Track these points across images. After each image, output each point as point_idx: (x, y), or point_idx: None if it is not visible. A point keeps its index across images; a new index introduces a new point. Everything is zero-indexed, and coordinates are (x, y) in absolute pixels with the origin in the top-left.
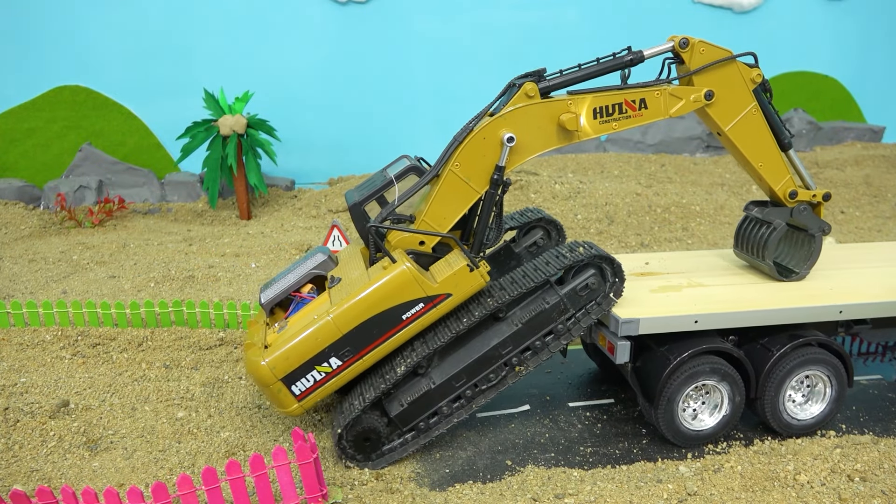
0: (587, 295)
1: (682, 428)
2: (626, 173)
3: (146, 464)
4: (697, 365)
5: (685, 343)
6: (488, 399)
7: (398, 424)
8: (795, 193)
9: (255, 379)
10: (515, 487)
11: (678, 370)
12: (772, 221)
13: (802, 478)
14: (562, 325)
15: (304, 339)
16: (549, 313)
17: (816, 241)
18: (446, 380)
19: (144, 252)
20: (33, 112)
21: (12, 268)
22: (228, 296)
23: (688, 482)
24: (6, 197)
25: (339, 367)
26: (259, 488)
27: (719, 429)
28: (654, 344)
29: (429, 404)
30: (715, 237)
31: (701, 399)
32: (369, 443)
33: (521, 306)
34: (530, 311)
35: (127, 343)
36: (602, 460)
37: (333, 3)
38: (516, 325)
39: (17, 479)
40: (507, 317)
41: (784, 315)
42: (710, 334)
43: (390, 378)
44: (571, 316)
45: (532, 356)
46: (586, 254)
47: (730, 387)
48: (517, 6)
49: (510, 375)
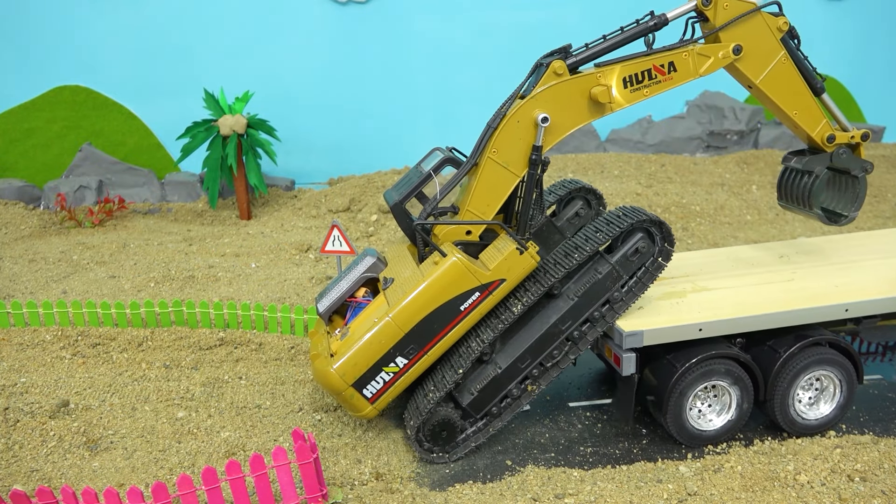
0: (638, 259)
1: (691, 429)
2: (626, 173)
3: (146, 464)
4: (705, 369)
5: (691, 350)
6: (554, 377)
7: (471, 412)
8: (833, 137)
9: (326, 387)
10: (515, 487)
11: (684, 377)
12: (812, 170)
13: (802, 478)
14: (617, 293)
15: (368, 343)
16: (604, 283)
17: (861, 182)
18: (512, 363)
19: (144, 252)
20: (33, 112)
21: (12, 268)
22: (229, 296)
23: (688, 482)
24: (6, 197)
25: (406, 365)
26: (259, 488)
27: (728, 429)
28: (660, 351)
29: (498, 389)
30: (715, 237)
31: (709, 401)
32: (446, 433)
33: (575, 280)
34: (584, 283)
35: (127, 343)
36: (602, 460)
37: (333, 2)
38: (573, 299)
39: (18, 479)
40: (562, 292)
41: (789, 317)
42: (717, 339)
43: (460, 368)
44: (625, 283)
45: (590, 328)
46: (634, 218)
47: (738, 389)
48: (517, 6)
49: (572, 350)
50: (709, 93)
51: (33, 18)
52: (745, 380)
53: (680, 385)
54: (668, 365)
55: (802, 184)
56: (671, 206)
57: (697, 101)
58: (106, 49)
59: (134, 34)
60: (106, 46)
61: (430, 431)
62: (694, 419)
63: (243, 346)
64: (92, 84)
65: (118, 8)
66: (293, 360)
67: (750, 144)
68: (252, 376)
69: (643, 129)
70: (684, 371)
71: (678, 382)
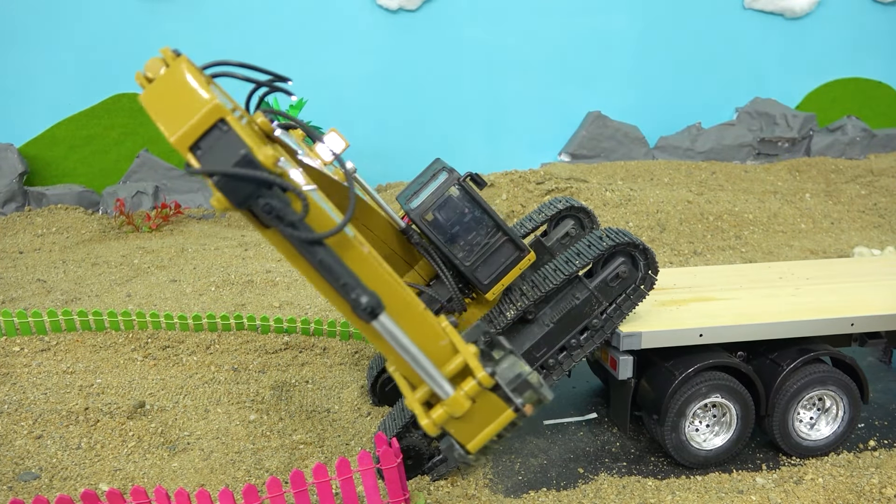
0: (619, 285)
1: (691, 448)
2: (676, 181)
3: (224, 465)
4: (705, 383)
5: (691, 358)
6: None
7: (438, 440)
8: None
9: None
10: (591, 495)
11: (683, 386)
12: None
13: (889, 491)
14: (596, 320)
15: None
16: (581, 308)
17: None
18: None
19: (202, 256)
20: (93, 119)
21: (76, 271)
22: (288, 300)
23: (770, 493)
24: (67, 202)
25: None
26: (344, 492)
27: (728, 448)
28: (658, 359)
29: None
30: (769, 245)
31: (708, 419)
32: (412, 461)
33: (552, 305)
34: (561, 308)
35: (195, 346)
36: (675, 470)
37: (384, 11)
38: (548, 325)
39: (102, 477)
40: (537, 318)
41: (793, 328)
42: (717, 349)
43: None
44: (604, 310)
45: (566, 357)
46: (616, 241)
47: (738, 404)
48: (566, 13)
49: (546, 378)
50: (759, 100)
51: (93, 28)
52: (741, 392)
53: (679, 396)
54: (666, 373)
55: None
56: (724, 214)
57: (748, 108)
58: None
59: (189, 42)
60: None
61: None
62: (697, 441)
63: (308, 351)
64: None
65: (174, 17)
66: (357, 365)
67: (802, 152)
68: (318, 380)
69: (692, 137)
70: (683, 379)
71: (677, 392)
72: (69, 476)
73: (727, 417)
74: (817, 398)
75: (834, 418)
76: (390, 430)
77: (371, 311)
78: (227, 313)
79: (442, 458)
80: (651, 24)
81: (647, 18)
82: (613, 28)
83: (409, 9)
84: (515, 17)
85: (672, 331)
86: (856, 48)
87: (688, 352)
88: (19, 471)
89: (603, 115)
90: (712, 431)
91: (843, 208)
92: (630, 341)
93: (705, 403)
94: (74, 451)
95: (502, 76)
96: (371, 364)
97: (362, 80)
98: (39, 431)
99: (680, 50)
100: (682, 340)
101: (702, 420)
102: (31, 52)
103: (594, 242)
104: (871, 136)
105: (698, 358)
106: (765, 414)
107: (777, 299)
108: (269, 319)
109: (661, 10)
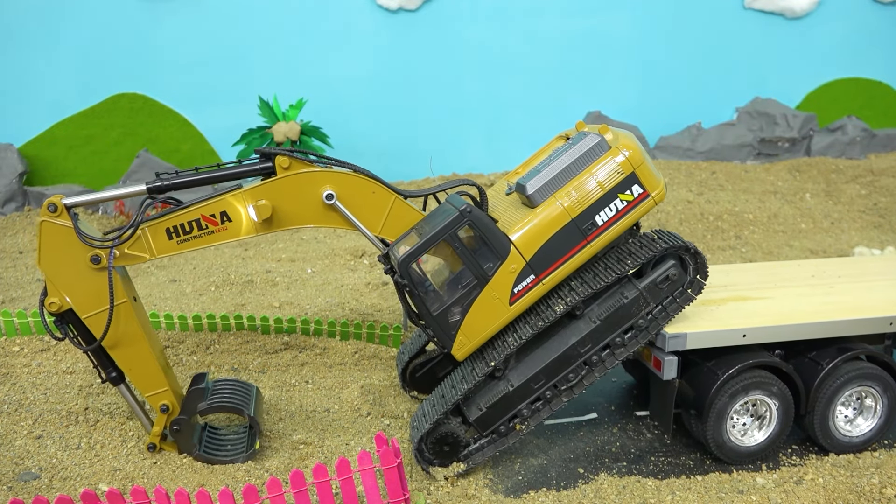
0: (668, 287)
1: (732, 444)
2: (676, 180)
3: (225, 465)
4: (746, 381)
5: (732, 357)
6: (568, 400)
7: (477, 429)
8: None
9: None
10: (591, 496)
11: (726, 385)
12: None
13: (889, 491)
14: (642, 321)
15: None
16: (629, 308)
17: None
18: (525, 381)
19: (202, 257)
20: (92, 119)
21: None
22: (288, 300)
23: (770, 493)
24: None
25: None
26: (344, 492)
27: (768, 444)
28: (699, 359)
29: (508, 407)
30: (769, 245)
31: (748, 415)
32: (448, 448)
33: (599, 302)
34: (609, 307)
35: (195, 346)
36: (675, 470)
37: (384, 11)
38: (594, 322)
39: (102, 477)
40: (584, 314)
41: (836, 328)
42: (757, 348)
43: (471, 381)
44: (650, 311)
45: (609, 356)
46: (668, 244)
47: (779, 402)
48: (566, 14)
49: (588, 376)
50: (760, 99)
51: (92, 28)
52: (783, 390)
53: (722, 395)
54: (709, 372)
55: None
56: (724, 214)
57: (748, 108)
58: (162, 57)
59: (190, 43)
60: (162, 55)
61: (433, 443)
62: (737, 437)
63: (308, 351)
64: (148, 92)
65: (175, 17)
66: (357, 365)
67: (802, 152)
68: (318, 380)
69: (693, 137)
70: (726, 379)
71: (720, 391)
72: (69, 476)
73: (767, 415)
74: (856, 395)
75: (872, 414)
76: (429, 417)
77: None
78: (227, 313)
79: (478, 447)
80: (651, 24)
81: (647, 18)
82: (613, 28)
83: (409, 9)
84: (515, 17)
85: (716, 331)
86: (856, 48)
87: (728, 351)
88: (19, 471)
89: (603, 115)
90: (752, 428)
91: (844, 208)
92: (675, 342)
93: (746, 401)
94: (74, 451)
95: (502, 76)
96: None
97: (362, 80)
98: (39, 431)
99: (680, 50)
100: (726, 341)
101: (741, 417)
102: (31, 52)
103: (646, 243)
104: (871, 136)
105: (740, 357)
106: (805, 412)
107: (813, 298)
108: (269, 319)
109: (661, 10)
